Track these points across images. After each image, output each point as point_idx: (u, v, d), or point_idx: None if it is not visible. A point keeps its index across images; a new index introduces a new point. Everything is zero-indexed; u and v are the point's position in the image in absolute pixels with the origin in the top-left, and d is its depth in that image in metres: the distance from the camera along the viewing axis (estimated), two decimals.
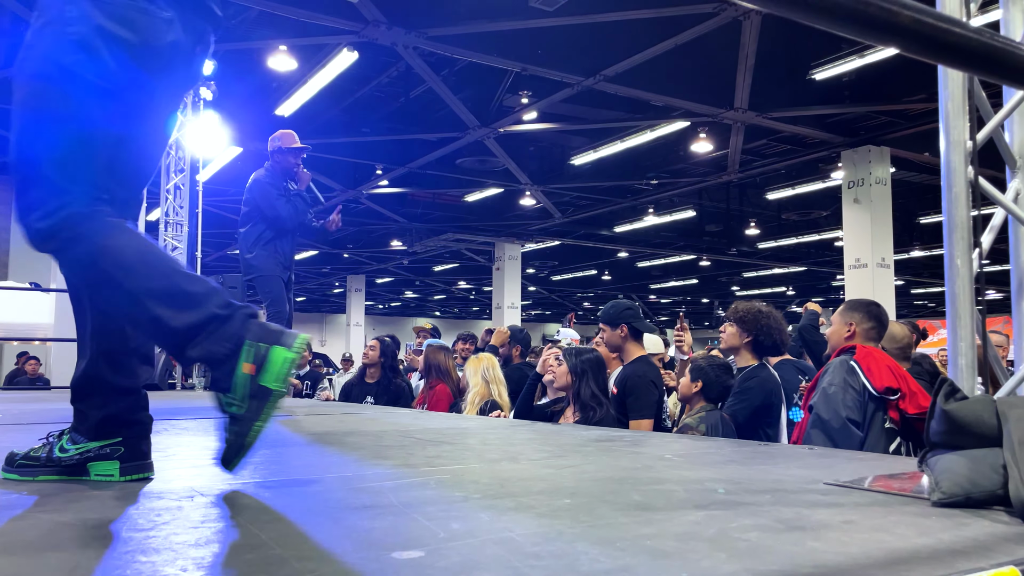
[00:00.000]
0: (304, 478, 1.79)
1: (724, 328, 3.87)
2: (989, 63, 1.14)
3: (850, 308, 3.27)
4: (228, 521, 1.29)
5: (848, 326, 3.19)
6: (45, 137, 1.50)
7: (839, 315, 3.29)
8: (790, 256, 21.50)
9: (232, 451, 1.47)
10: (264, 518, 1.33)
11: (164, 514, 1.32)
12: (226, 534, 1.20)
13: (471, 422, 3.60)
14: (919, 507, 1.46)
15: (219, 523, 1.27)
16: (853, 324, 3.18)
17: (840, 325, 3.24)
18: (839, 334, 3.22)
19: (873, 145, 11.84)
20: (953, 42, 1.07)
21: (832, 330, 3.29)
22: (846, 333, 3.18)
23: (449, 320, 40.59)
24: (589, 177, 15.07)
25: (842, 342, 3.16)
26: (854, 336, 3.15)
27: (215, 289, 1.51)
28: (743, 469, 1.95)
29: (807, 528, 1.26)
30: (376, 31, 8.90)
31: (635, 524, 1.27)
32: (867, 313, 3.20)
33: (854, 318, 3.19)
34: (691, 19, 8.80)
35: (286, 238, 4.88)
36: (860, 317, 3.19)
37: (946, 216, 1.65)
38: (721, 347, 3.90)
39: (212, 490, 1.56)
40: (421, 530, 1.20)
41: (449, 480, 1.70)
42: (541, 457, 2.18)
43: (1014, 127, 1.79)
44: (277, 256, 4.83)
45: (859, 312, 3.21)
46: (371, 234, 20.66)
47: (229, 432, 1.47)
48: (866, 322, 3.17)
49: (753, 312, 3.75)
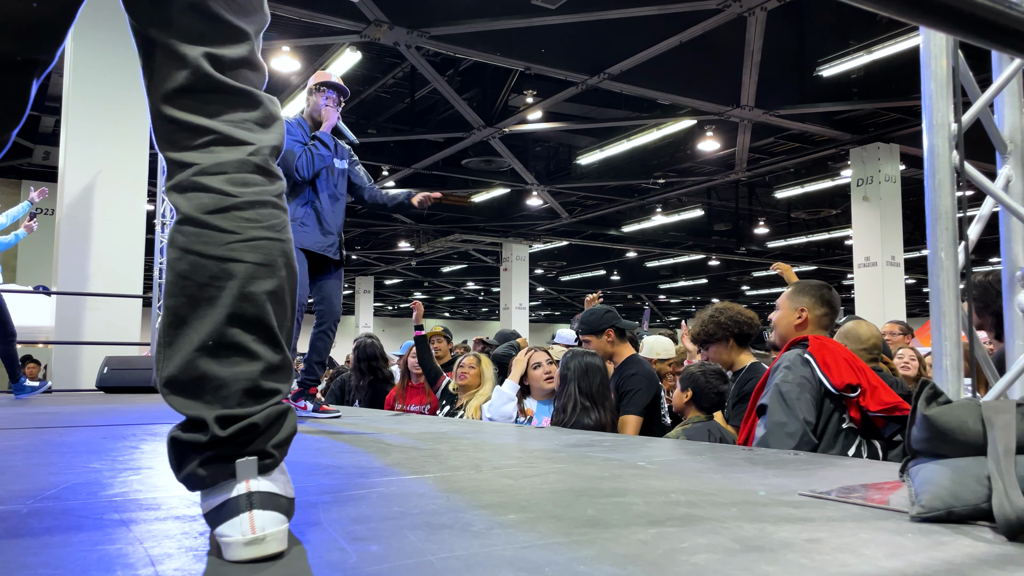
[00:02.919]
0: None
1: (704, 355, 3.63)
2: (975, 23, 1.02)
3: (799, 292, 2.93)
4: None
5: (798, 312, 2.87)
6: None
7: (787, 299, 2.95)
8: (800, 255, 21.28)
9: None
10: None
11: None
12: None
13: (452, 426, 3.48)
14: (896, 522, 1.33)
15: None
16: (804, 310, 2.86)
17: (789, 311, 2.91)
18: (788, 321, 2.90)
19: (882, 142, 11.67)
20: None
21: (780, 316, 2.95)
22: (796, 320, 2.87)
23: (458, 321, 40.58)
24: (596, 176, 14.96)
25: (792, 331, 2.86)
26: (805, 324, 2.85)
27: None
28: (716, 478, 1.83)
29: (765, 548, 1.14)
30: (378, 31, 8.84)
31: (575, 545, 1.15)
32: (818, 298, 2.88)
33: (804, 303, 2.88)
34: (696, 16, 8.68)
35: (316, 196, 4.03)
36: (811, 302, 2.87)
37: (929, 205, 1.53)
38: (713, 358, 3.67)
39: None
40: (333, 553, 1.09)
41: (394, 493, 1.60)
42: (506, 465, 2.07)
43: (1004, 108, 1.67)
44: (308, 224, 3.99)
45: (809, 296, 2.89)
46: (378, 235, 20.64)
47: None
48: (818, 308, 2.86)
49: (711, 323, 3.49)
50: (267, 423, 1.11)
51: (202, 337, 1.09)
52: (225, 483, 1.07)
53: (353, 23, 8.68)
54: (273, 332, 1.13)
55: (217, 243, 1.11)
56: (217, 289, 1.10)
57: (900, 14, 1.06)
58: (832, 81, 10.31)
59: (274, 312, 1.13)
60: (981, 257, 18.02)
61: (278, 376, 1.14)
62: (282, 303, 1.16)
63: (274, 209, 1.18)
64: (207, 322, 1.09)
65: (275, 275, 1.14)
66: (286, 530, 1.07)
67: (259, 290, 1.12)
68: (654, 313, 31.70)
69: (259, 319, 1.12)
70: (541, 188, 15.20)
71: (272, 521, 1.05)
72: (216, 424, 1.07)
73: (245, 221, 1.13)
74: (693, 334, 3.63)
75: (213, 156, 1.15)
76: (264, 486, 1.07)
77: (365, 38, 9.03)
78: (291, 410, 1.17)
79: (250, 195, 1.15)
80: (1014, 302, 1.65)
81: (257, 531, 1.03)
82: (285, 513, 1.08)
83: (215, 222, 1.12)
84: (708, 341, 3.53)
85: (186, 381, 1.09)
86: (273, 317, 1.13)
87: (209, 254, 1.11)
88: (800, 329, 2.86)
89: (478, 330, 30.41)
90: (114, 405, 4.76)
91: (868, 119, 11.64)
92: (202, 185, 1.13)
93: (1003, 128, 1.67)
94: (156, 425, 3.41)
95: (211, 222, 1.12)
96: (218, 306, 1.09)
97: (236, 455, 1.08)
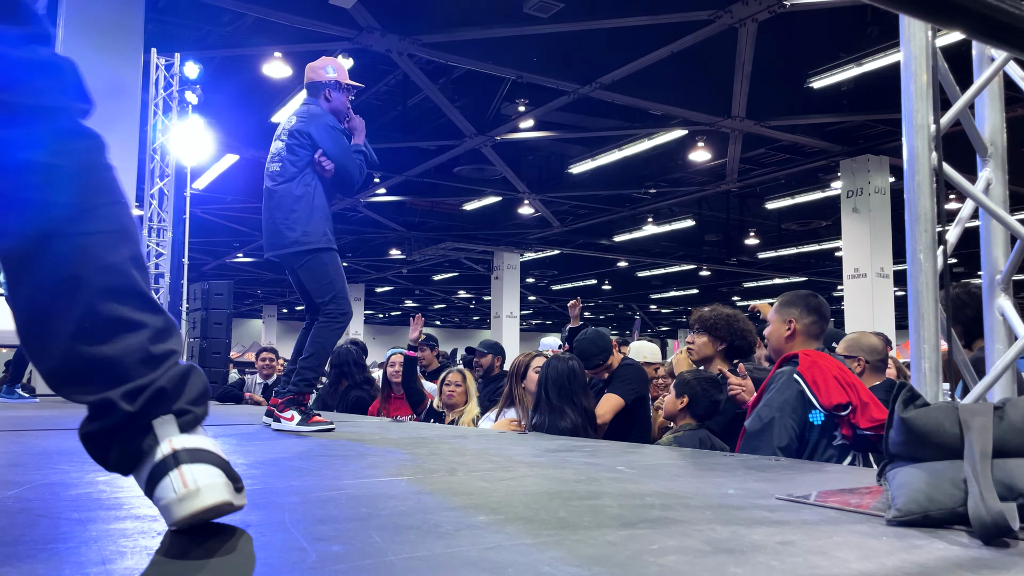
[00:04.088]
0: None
1: (692, 339, 3.63)
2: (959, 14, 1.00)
3: (787, 304, 2.90)
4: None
5: (787, 324, 2.83)
6: None
7: (776, 312, 2.90)
8: (791, 266, 21.33)
9: None
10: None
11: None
12: None
13: (435, 431, 3.45)
14: (872, 526, 1.31)
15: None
16: (793, 322, 2.83)
17: (779, 324, 2.87)
18: (779, 334, 2.86)
19: (872, 154, 11.71)
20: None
21: (771, 331, 2.91)
22: (786, 332, 2.83)
23: (450, 329, 40.47)
24: (588, 186, 14.95)
25: (783, 343, 2.83)
26: (795, 335, 2.81)
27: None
28: (694, 482, 1.80)
29: (736, 551, 1.12)
30: (371, 38, 8.83)
31: (543, 546, 1.13)
32: (805, 307, 2.85)
33: (792, 314, 2.84)
34: (687, 26, 8.70)
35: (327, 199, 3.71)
36: (799, 312, 2.83)
37: (908, 207, 1.51)
38: (693, 358, 3.67)
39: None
40: (292, 553, 1.06)
41: (364, 495, 1.56)
42: (484, 469, 2.04)
43: (984, 110, 1.65)
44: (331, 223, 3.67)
45: (797, 307, 2.85)
46: (370, 243, 20.58)
47: None
48: (806, 317, 2.83)
49: (724, 317, 3.52)
50: (173, 384, 1.06)
51: (76, 322, 1.03)
52: (150, 452, 1.03)
53: (345, 30, 8.67)
54: (147, 297, 1.09)
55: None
56: (77, 267, 1.03)
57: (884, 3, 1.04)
58: (822, 93, 10.35)
59: (140, 277, 1.09)
60: (971, 270, 18.08)
61: (166, 337, 1.09)
62: (143, 266, 1.11)
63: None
64: (77, 306, 1.03)
65: (130, 239, 1.09)
66: (225, 483, 1.02)
67: (120, 258, 1.07)
68: (644, 323, 31.71)
69: (130, 288, 1.07)
70: (533, 197, 15.19)
71: (205, 473, 1.00)
72: (124, 400, 1.02)
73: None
74: (701, 313, 3.61)
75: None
76: (189, 442, 1.03)
77: (357, 45, 9.02)
78: (195, 368, 1.13)
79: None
80: (994, 306, 1.63)
81: (189, 484, 0.98)
82: (220, 467, 1.03)
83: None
84: (707, 330, 3.52)
85: (75, 370, 1.04)
86: (141, 282, 1.09)
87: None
88: (790, 340, 2.83)
89: (469, 339, 30.34)
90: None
91: (858, 131, 11.68)
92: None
93: (983, 130, 1.65)
94: None
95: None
96: (83, 287, 1.03)
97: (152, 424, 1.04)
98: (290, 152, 3.60)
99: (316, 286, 3.58)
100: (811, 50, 10.06)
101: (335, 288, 3.57)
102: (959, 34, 1.18)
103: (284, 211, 3.55)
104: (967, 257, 17.56)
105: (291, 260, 3.62)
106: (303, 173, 3.60)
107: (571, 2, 8.40)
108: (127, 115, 8.04)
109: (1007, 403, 1.36)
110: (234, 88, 11.14)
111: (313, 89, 3.82)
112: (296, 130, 3.62)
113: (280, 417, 3.41)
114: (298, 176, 3.58)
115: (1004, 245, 1.71)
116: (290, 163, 3.59)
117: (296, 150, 3.59)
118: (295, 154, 3.59)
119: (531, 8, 8.41)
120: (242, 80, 11.09)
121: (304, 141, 3.59)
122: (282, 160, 3.62)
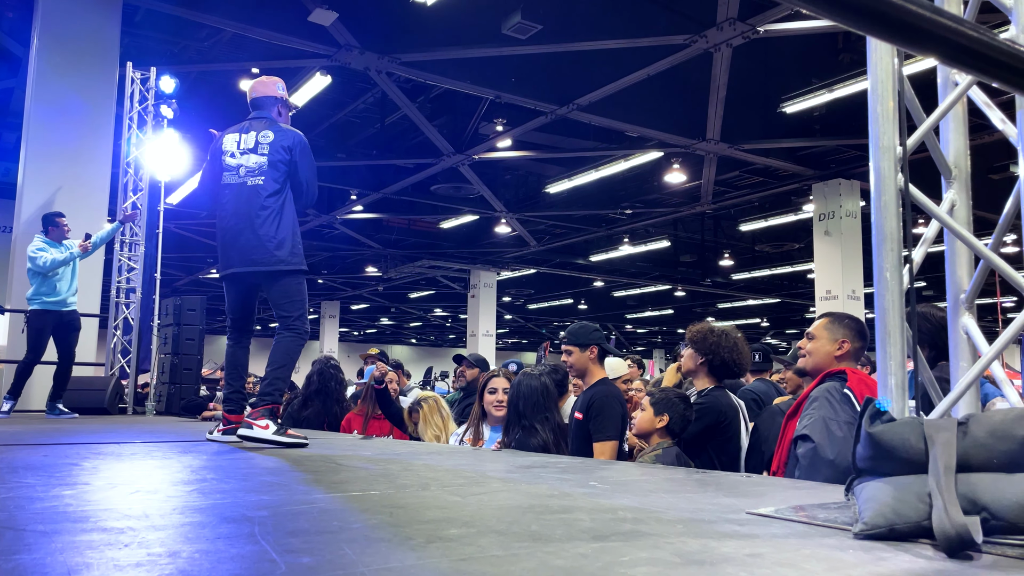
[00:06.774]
0: (194, 504, 1.63)
1: (682, 352, 3.71)
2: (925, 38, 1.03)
3: (838, 322, 2.76)
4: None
5: (839, 343, 2.70)
6: None
7: (825, 329, 2.76)
8: (764, 288, 21.55)
9: None
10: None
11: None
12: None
13: (408, 448, 3.43)
14: (840, 539, 1.33)
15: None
16: (847, 342, 2.69)
17: (829, 342, 2.72)
18: (828, 351, 2.71)
19: (843, 178, 11.92)
20: (883, 11, 0.96)
21: (817, 346, 2.76)
22: (837, 351, 2.70)
23: (425, 348, 40.31)
24: (564, 206, 15.04)
25: (832, 362, 2.69)
26: (846, 356, 2.69)
27: None
28: (667, 497, 1.81)
29: (705, 563, 1.13)
30: (349, 55, 8.85)
31: (513, 558, 1.13)
32: (858, 331, 2.73)
33: (846, 336, 2.71)
34: (663, 50, 8.82)
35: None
36: (853, 336, 2.71)
37: (875, 227, 1.55)
38: (683, 370, 3.75)
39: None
40: (262, 564, 1.05)
41: (336, 509, 1.55)
42: (457, 484, 2.03)
43: (949, 133, 1.70)
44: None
45: (851, 331, 2.72)
46: (345, 260, 20.49)
47: None
48: (857, 341, 2.70)
49: (704, 333, 3.57)
50: None
51: None
52: None
53: (323, 47, 8.69)
54: None
55: None
56: None
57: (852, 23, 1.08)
58: (795, 117, 10.54)
59: None
60: (939, 293, 18.38)
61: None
62: None
63: None
64: None
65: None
66: None
67: None
68: (619, 342, 31.81)
69: None
70: (510, 216, 15.25)
71: None
72: None
73: None
74: (692, 327, 3.62)
75: None
76: None
77: (336, 62, 9.04)
78: None
79: None
80: (959, 324, 1.67)
81: None
82: None
83: None
84: (692, 343, 3.54)
85: None
86: None
87: None
88: (841, 360, 2.73)
89: (444, 357, 30.22)
90: (63, 425, 4.62)
91: (830, 155, 11.90)
92: None
93: (948, 153, 1.70)
94: (101, 445, 3.31)
95: None
96: None
97: None
98: (272, 168, 3.64)
99: (288, 303, 3.67)
100: (784, 76, 10.26)
101: (304, 306, 3.72)
102: (926, 62, 1.22)
103: (270, 228, 3.59)
104: (935, 281, 17.87)
105: (266, 277, 3.65)
106: (284, 188, 3.66)
107: (549, 24, 8.50)
108: (101, 128, 7.97)
109: (971, 419, 1.39)
110: (210, 103, 11.09)
111: (264, 103, 3.87)
112: (282, 146, 3.66)
113: (254, 425, 3.38)
114: (280, 192, 3.64)
115: (968, 265, 1.75)
116: (272, 179, 3.64)
117: (279, 166, 3.65)
118: (277, 170, 3.64)
119: (510, 29, 8.49)
120: (218, 95, 11.05)
121: (286, 157, 3.64)
122: (264, 174, 3.65)
